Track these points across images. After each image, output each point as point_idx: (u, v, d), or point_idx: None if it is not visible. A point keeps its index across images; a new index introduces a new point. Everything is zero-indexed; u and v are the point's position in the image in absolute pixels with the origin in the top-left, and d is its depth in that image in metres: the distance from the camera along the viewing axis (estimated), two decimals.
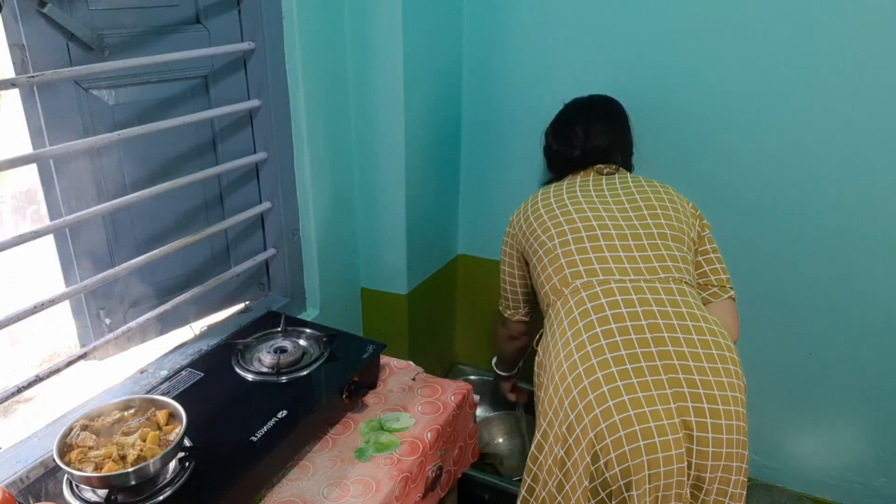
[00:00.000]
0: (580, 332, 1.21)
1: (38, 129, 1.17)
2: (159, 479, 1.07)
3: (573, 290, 1.30)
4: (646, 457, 1.08)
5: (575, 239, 1.34)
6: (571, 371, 1.17)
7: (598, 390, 1.12)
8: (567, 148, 1.56)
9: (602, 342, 1.17)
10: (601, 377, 1.13)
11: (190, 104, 1.41)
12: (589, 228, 1.36)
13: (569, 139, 1.56)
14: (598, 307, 1.23)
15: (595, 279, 1.29)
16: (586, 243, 1.33)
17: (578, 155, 1.55)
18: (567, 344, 1.21)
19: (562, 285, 1.32)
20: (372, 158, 1.83)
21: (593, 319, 1.22)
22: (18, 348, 1.42)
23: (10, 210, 1.36)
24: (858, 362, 1.82)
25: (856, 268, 1.74)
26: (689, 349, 1.17)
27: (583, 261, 1.31)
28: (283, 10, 1.50)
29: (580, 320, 1.23)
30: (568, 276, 1.31)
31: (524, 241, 1.46)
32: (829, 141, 1.67)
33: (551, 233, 1.38)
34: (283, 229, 1.67)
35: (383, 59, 1.71)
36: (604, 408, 1.11)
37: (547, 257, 1.36)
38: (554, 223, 1.39)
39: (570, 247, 1.34)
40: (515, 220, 1.52)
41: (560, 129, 1.60)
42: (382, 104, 1.76)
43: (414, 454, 1.29)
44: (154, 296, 1.45)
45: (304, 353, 1.44)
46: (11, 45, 1.11)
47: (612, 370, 1.13)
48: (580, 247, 1.33)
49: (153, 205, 1.37)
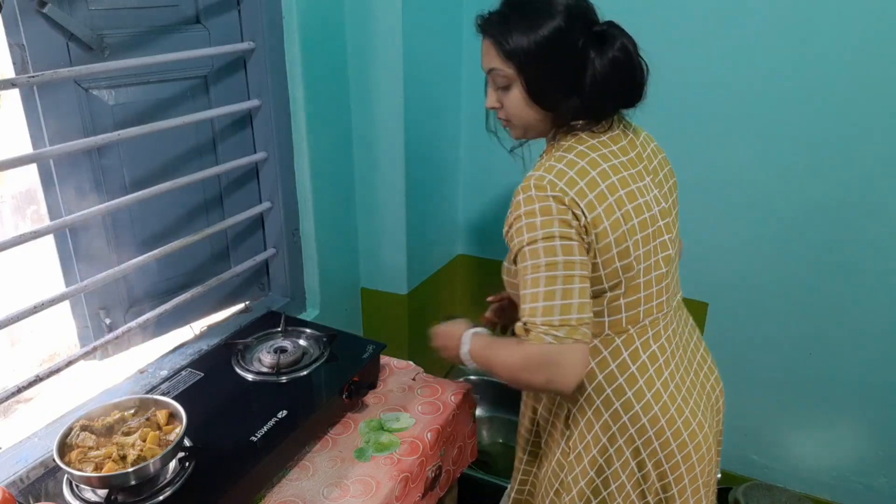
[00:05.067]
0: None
1: (38, 129, 1.17)
2: (159, 479, 1.07)
3: (641, 329, 1.12)
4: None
5: (645, 255, 1.08)
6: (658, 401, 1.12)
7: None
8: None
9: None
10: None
11: (190, 104, 1.41)
12: (648, 240, 1.08)
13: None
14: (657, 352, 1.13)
15: (653, 318, 1.12)
16: (651, 261, 1.09)
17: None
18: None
19: (630, 322, 1.10)
20: (372, 158, 1.83)
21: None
22: (18, 348, 1.42)
23: (10, 210, 1.36)
24: (858, 362, 1.82)
25: (856, 268, 1.74)
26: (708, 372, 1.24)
27: (648, 296, 1.10)
28: (283, 10, 1.50)
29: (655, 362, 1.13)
30: (642, 312, 1.11)
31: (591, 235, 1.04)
32: (829, 140, 1.67)
33: (627, 244, 1.05)
34: (283, 229, 1.67)
35: (383, 59, 1.71)
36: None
37: (628, 279, 1.07)
38: (629, 229, 1.05)
39: (649, 272, 1.09)
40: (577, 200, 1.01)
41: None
42: (382, 104, 1.76)
43: (414, 454, 1.29)
44: (154, 296, 1.45)
45: (304, 353, 1.44)
46: (11, 45, 1.11)
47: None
48: (647, 267, 1.08)
49: (153, 205, 1.37)
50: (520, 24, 1.02)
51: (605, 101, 1.06)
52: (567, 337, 0.96)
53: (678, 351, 1.16)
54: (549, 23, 1.01)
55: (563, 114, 1.07)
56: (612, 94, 1.05)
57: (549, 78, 1.04)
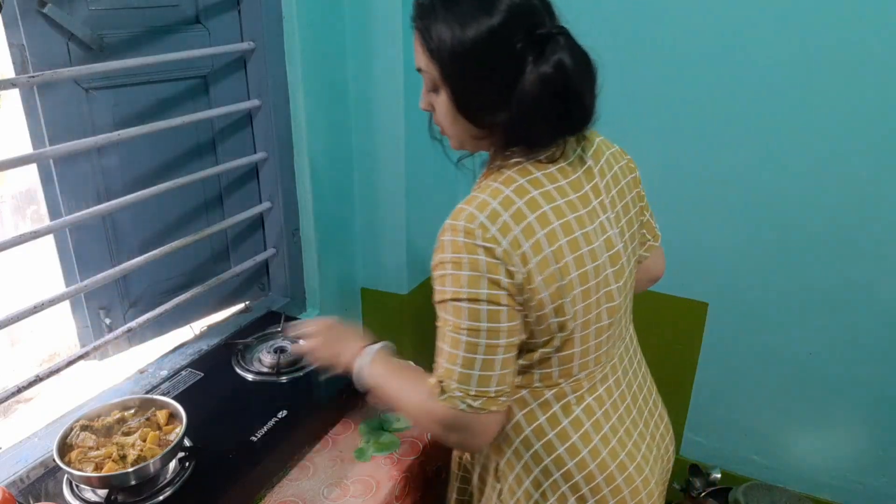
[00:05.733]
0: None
1: (38, 129, 1.17)
2: (159, 479, 1.07)
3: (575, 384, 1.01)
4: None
5: (585, 310, 0.95)
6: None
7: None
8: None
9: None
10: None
11: (190, 104, 1.41)
12: (590, 292, 0.95)
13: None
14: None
15: (589, 372, 1.01)
16: (592, 315, 0.96)
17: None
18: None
19: (562, 376, 0.99)
20: (372, 158, 1.83)
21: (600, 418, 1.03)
22: (18, 348, 1.42)
23: (10, 210, 1.36)
24: (858, 362, 1.82)
25: (856, 268, 1.74)
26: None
27: (584, 350, 0.98)
28: (283, 10, 1.50)
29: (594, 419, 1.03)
30: (576, 366, 0.99)
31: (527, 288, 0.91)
32: (829, 140, 1.67)
33: (562, 302, 0.92)
34: (283, 229, 1.67)
35: (383, 59, 1.71)
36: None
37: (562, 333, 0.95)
38: (566, 285, 0.92)
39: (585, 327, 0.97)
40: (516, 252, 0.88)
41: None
42: (382, 104, 1.76)
43: (414, 454, 1.29)
44: (154, 296, 1.45)
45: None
46: (11, 45, 1.12)
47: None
48: (585, 322, 0.96)
49: (153, 205, 1.37)
50: (447, 18, 0.85)
51: (537, 124, 0.89)
52: (482, 408, 0.88)
53: (622, 402, 1.05)
54: (483, 20, 0.84)
55: (494, 133, 0.92)
56: (543, 116, 0.87)
57: (476, 87, 0.88)
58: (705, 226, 1.86)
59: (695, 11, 1.69)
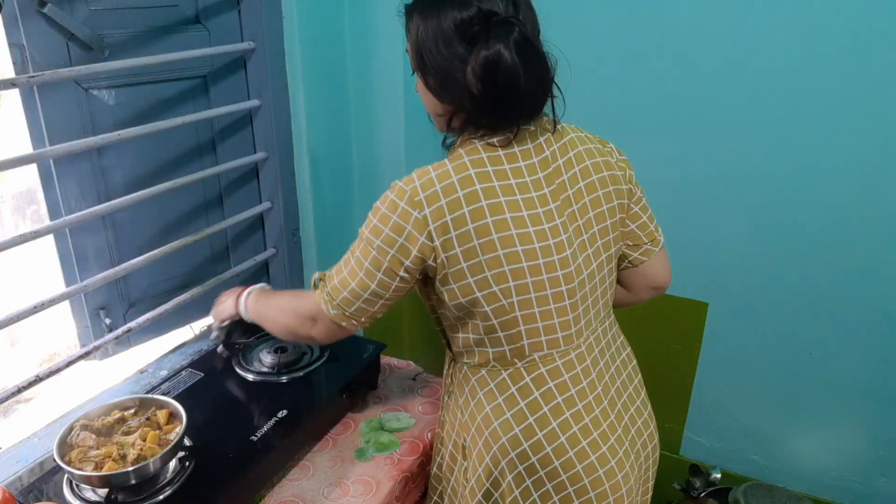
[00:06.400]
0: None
1: (38, 129, 1.18)
2: (159, 479, 1.07)
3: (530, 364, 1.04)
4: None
5: (519, 288, 0.99)
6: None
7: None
8: None
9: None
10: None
11: (190, 104, 1.41)
12: (542, 270, 1.00)
13: None
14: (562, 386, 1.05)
15: (544, 354, 1.04)
16: (532, 295, 1.00)
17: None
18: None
19: (515, 356, 1.03)
20: (372, 158, 1.83)
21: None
22: (18, 348, 1.43)
23: (10, 210, 1.36)
24: (858, 362, 1.82)
25: (856, 268, 1.74)
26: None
27: (532, 330, 1.02)
28: (283, 10, 1.50)
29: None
30: (526, 346, 1.03)
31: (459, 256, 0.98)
32: (829, 139, 1.67)
33: (485, 275, 0.97)
34: (283, 229, 1.67)
35: (383, 59, 1.71)
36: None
37: (498, 308, 1.00)
38: (491, 259, 0.97)
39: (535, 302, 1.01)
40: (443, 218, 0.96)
41: None
42: (382, 103, 1.76)
43: (414, 454, 1.29)
44: (154, 296, 1.45)
45: (304, 352, 1.44)
46: (11, 45, 1.12)
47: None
48: (524, 301, 1.00)
49: (153, 205, 1.37)
50: (422, 6, 0.98)
51: (481, 106, 0.95)
52: (348, 327, 1.04)
53: (591, 391, 1.06)
54: (450, 12, 0.94)
55: (457, 113, 1.01)
56: (485, 99, 0.93)
57: (434, 63, 0.97)
58: (705, 226, 1.86)
59: (695, 11, 1.69)
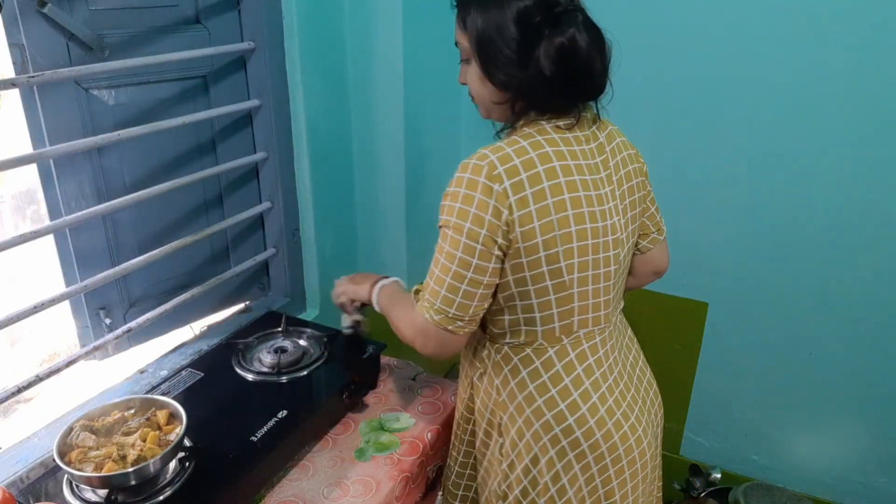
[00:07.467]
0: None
1: (38, 129, 1.17)
2: (159, 479, 1.07)
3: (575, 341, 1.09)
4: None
5: (581, 265, 1.04)
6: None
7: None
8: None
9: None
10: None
11: (190, 104, 1.41)
12: (587, 251, 1.04)
13: None
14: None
15: (588, 331, 1.10)
16: (589, 273, 1.05)
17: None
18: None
19: (563, 332, 1.08)
20: (372, 158, 1.83)
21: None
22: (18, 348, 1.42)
23: (10, 210, 1.36)
24: (858, 362, 1.82)
25: (856, 268, 1.74)
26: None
27: (583, 307, 1.07)
28: (283, 10, 1.50)
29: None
30: (576, 322, 1.07)
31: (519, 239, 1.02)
32: (830, 141, 1.67)
33: (557, 251, 1.01)
34: (283, 229, 1.67)
35: (383, 59, 1.71)
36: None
37: (555, 290, 1.04)
38: (563, 235, 1.01)
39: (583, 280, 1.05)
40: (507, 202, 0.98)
41: None
42: (383, 103, 1.76)
43: (414, 454, 1.29)
44: (154, 296, 1.45)
45: (304, 353, 1.44)
46: (11, 45, 1.11)
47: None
48: (582, 278, 1.05)
49: (153, 205, 1.37)
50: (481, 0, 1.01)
51: (552, 90, 0.99)
52: (456, 330, 1.02)
53: (616, 366, 1.13)
54: (511, 3, 0.98)
55: (517, 99, 1.02)
56: (558, 82, 0.98)
57: (499, 53, 0.99)
58: (705, 226, 1.86)
59: (696, 12, 1.69)
